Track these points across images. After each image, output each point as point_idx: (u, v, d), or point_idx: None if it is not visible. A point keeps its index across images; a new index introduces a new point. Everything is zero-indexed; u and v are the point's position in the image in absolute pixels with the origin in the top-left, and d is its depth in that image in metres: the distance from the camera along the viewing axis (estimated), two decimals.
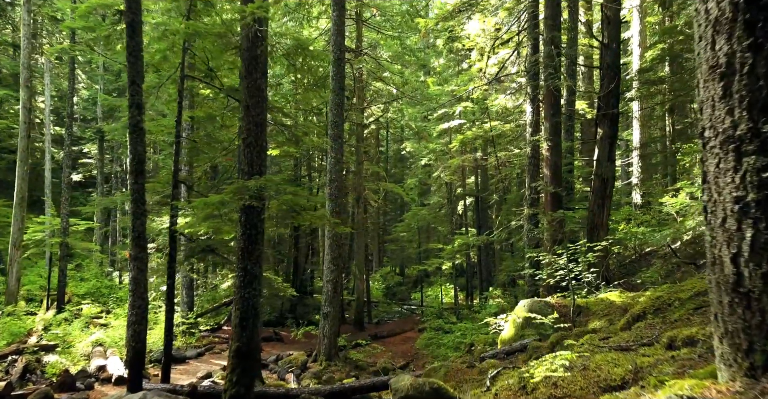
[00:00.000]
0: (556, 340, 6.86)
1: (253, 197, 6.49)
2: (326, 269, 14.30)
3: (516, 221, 14.39)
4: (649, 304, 5.55)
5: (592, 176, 14.75)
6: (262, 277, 6.90)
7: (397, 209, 42.61)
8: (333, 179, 14.40)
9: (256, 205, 6.45)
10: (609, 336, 5.01)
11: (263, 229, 6.96)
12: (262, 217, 6.86)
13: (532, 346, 7.14)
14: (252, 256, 6.74)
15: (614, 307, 7.87)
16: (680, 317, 4.85)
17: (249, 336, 6.57)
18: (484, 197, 24.19)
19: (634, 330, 5.05)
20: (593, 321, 7.58)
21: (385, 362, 14.91)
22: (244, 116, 7.05)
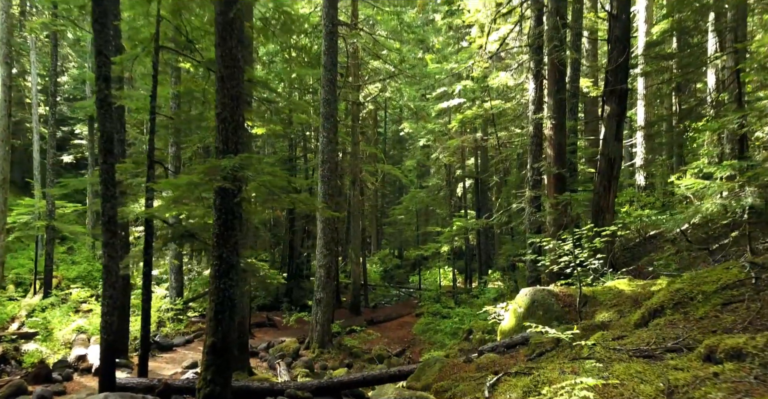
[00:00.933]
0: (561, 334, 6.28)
1: (227, 178, 5.85)
2: (319, 254, 13.73)
3: (517, 204, 13.77)
4: (668, 297, 4.95)
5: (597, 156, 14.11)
6: (240, 266, 6.31)
7: (396, 191, 42.00)
8: (325, 160, 13.73)
9: (230, 187, 5.81)
10: (623, 335, 4.41)
11: (241, 213, 6.33)
12: (238, 201, 6.24)
13: (534, 340, 6.57)
14: (228, 243, 6.13)
15: (623, 296, 7.28)
16: (706, 314, 4.25)
17: (225, 330, 6.00)
18: (484, 179, 23.54)
19: (653, 328, 4.45)
20: (601, 312, 7.00)
21: (380, 349, 14.44)
22: (218, 89, 6.37)
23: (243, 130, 6.37)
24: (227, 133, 6.24)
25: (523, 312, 7.93)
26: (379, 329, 18.15)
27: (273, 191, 6.20)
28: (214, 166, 5.68)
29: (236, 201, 6.17)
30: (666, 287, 5.63)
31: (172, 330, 14.10)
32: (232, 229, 6.23)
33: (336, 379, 7.49)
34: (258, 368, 12.00)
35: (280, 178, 6.28)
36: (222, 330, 6.08)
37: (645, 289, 7.33)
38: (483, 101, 20.10)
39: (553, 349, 6.14)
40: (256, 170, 6.00)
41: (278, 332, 15.93)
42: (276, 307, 23.11)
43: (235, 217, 6.26)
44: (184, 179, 5.77)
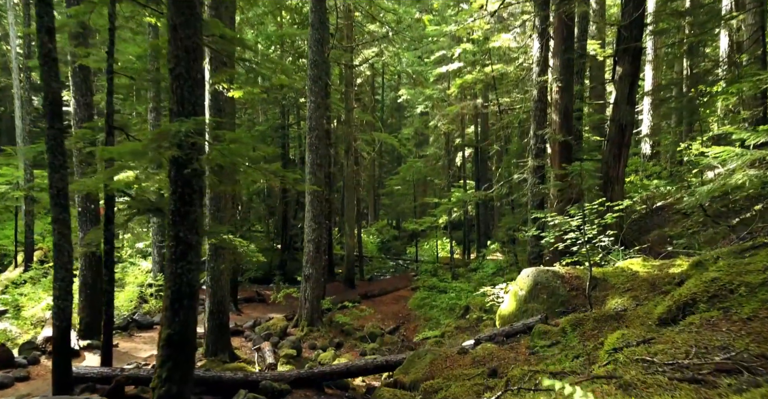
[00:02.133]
0: (568, 324, 5.50)
1: (181, 146, 4.96)
2: (308, 228, 12.91)
3: (518, 174, 12.88)
4: (700, 287, 4.12)
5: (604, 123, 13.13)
6: (200, 247, 5.47)
7: (394, 161, 40.94)
8: (313, 127, 12.77)
9: (179, 155, 4.91)
10: (650, 337, 3.60)
11: (201, 186, 5.46)
12: (197, 172, 5.36)
13: (538, 329, 5.79)
14: (186, 221, 5.28)
15: (638, 279, 6.48)
16: (755, 314, 3.43)
17: (183, 321, 5.22)
18: (484, 148, 22.56)
19: (686, 329, 3.63)
20: (613, 297, 6.21)
21: (372, 326, 13.80)
22: (170, 40, 5.40)
23: (202, 88, 5.43)
24: (182, 93, 5.30)
25: (524, 295, 7.14)
26: (373, 304, 17.51)
27: (235, 161, 5.30)
28: (163, 131, 4.77)
29: (193, 172, 5.28)
30: (696, 274, 4.79)
31: (154, 307, 13.40)
32: (190, 205, 5.36)
33: (317, 370, 6.76)
34: (242, 349, 11.34)
35: (244, 145, 5.38)
36: (180, 320, 5.28)
37: (662, 270, 6.53)
38: (483, 65, 18.96)
39: (558, 343, 5.37)
40: (216, 136, 5.09)
41: (267, 308, 15.28)
42: (268, 280, 22.49)
43: (194, 191, 5.38)
44: (127, 146, 4.87)
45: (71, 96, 10.46)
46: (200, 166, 4.77)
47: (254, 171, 5.76)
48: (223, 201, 9.88)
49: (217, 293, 9.82)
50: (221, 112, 9.80)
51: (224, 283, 9.90)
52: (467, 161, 27.12)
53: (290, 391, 6.63)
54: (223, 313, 9.90)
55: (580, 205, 6.94)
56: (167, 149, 4.73)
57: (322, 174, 13.00)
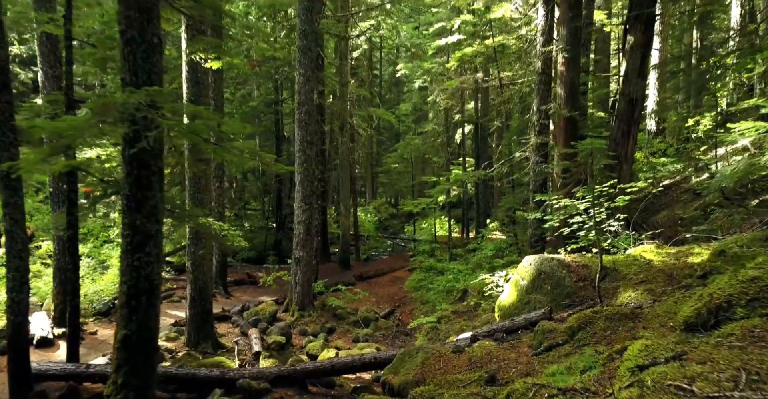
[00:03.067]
0: (576, 322, 4.89)
1: (132, 121, 4.28)
2: (297, 209, 12.27)
3: (520, 152, 12.17)
4: (737, 288, 3.49)
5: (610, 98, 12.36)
6: (161, 237, 4.83)
7: (393, 138, 40.06)
8: (303, 101, 12.01)
9: (130, 131, 4.23)
10: (681, 352, 2.97)
11: (161, 167, 4.79)
12: (156, 151, 4.70)
13: (542, 327, 5.19)
14: (143, 208, 4.63)
15: (652, 269, 5.86)
16: None
17: (142, 320, 4.63)
18: (484, 124, 21.76)
19: (726, 342, 3.01)
20: (625, 290, 5.59)
21: (366, 310, 13.28)
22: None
23: (158, 54, 4.70)
24: (135, 59, 4.58)
25: (526, 285, 6.53)
26: (368, 286, 16.99)
27: (195, 140, 4.61)
28: (107, 103, 4.07)
29: (150, 152, 4.61)
30: (724, 268, 4.16)
31: None
32: (148, 189, 4.69)
33: (299, 367, 6.19)
34: (229, 335, 10.82)
35: (210, 119, 4.68)
36: (138, 319, 4.66)
37: (679, 259, 5.90)
38: (484, 37, 18.06)
39: (565, 343, 4.78)
40: (174, 110, 4.40)
41: (258, 291, 14.75)
42: (262, 261, 21.96)
43: (152, 173, 4.71)
44: (65, 121, 4.18)
45: (39, 67, 9.71)
46: (150, 144, 4.08)
47: (222, 150, 5.07)
48: (204, 181, 9.21)
49: (199, 279, 9.24)
50: (200, 85, 9.06)
51: (206, 269, 9.30)
52: (467, 138, 26.34)
53: (270, 390, 6.07)
54: (206, 299, 9.33)
55: (588, 186, 6.28)
56: (112, 124, 4.04)
57: (312, 152, 12.30)
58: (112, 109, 4.10)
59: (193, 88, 8.99)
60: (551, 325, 5.15)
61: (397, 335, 12.00)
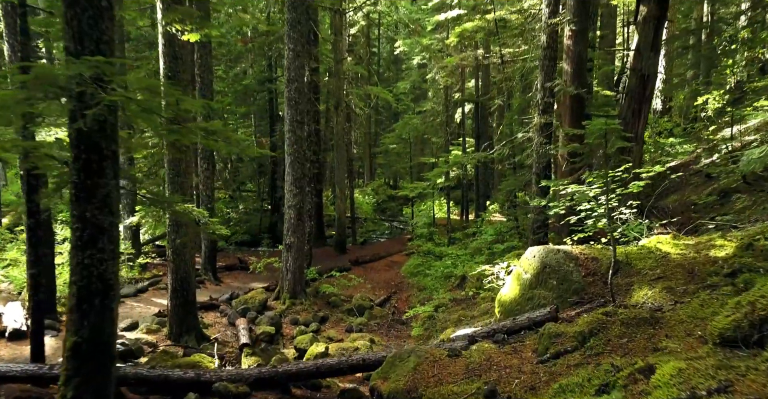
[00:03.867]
0: (587, 327, 4.34)
1: (77, 97, 3.66)
2: (287, 193, 11.67)
3: (522, 133, 11.52)
4: None
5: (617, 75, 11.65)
6: (117, 231, 4.25)
7: (392, 117, 39.21)
8: (292, 78, 11.31)
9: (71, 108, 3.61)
10: (726, 382, 2.41)
11: (115, 151, 4.19)
12: (108, 132, 4.09)
13: (548, 330, 4.64)
14: (94, 197, 4.04)
15: (670, 264, 5.29)
16: None
17: (96, 325, 4.08)
18: (485, 103, 21.02)
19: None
20: (640, 287, 5.03)
21: (361, 298, 12.79)
22: None
23: (109, 21, 4.05)
24: (80, 26, 3.93)
25: (530, 279, 5.97)
26: (364, 271, 16.50)
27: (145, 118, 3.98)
28: (41, 75, 3.44)
29: (107, 133, 3.99)
30: None
31: (122, 277, 12.33)
32: (100, 175, 4.09)
33: (281, 369, 5.67)
34: (216, 326, 10.33)
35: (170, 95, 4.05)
36: (91, 325, 4.11)
37: (700, 252, 5.33)
38: (485, 11, 17.23)
39: (575, 351, 4.23)
40: (124, 83, 3.77)
41: (250, 277, 14.24)
42: (257, 243, 21.47)
43: (105, 158, 4.10)
44: None
45: (4, 39, 9.01)
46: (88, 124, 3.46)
47: (183, 131, 4.45)
48: (184, 164, 8.59)
49: (180, 268, 8.69)
50: (178, 60, 8.37)
51: (188, 257, 8.74)
52: (467, 118, 25.60)
53: (249, 394, 5.57)
54: (188, 290, 8.80)
55: (598, 171, 5.68)
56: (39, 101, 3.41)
57: (303, 132, 11.65)
58: (43, 82, 3.47)
59: (170, 64, 8.31)
60: (558, 328, 4.60)
61: (393, 324, 11.53)
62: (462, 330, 6.57)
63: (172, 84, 8.03)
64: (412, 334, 10.55)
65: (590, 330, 4.26)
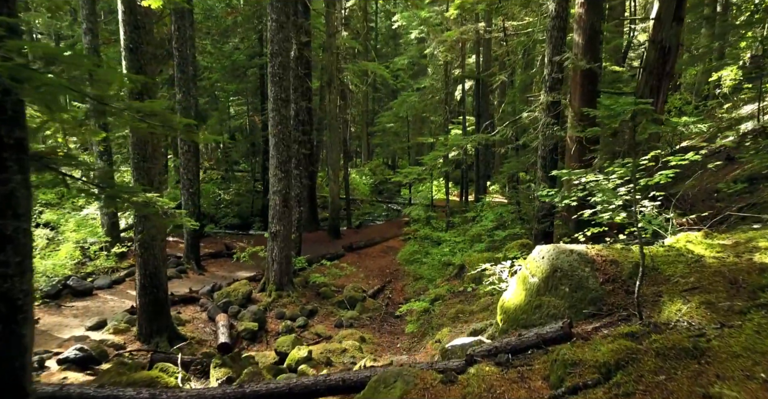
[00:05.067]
0: (613, 357, 3.52)
1: None
2: (272, 177, 10.80)
3: (528, 112, 10.57)
4: None
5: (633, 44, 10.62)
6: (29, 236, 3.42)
7: (390, 95, 38.04)
8: (276, 52, 10.33)
9: None
10: None
11: (23, 138, 3.32)
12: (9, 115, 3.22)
13: (562, 356, 3.83)
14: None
15: (706, 270, 4.46)
16: None
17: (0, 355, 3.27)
18: (486, 80, 19.96)
19: None
20: (672, 300, 4.20)
21: (353, 288, 12.04)
22: None
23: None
24: None
25: (538, 284, 5.15)
26: (358, 257, 15.75)
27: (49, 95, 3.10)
28: None
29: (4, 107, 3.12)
30: None
31: (98, 267, 11.55)
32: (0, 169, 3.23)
33: (249, 389, 4.88)
34: (194, 322, 9.58)
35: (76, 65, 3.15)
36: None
37: (741, 256, 4.49)
38: None
39: (597, 386, 3.42)
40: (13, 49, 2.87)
41: (236, 265, 13.46)
42: (248, 226, 20.69)
43: (4, 148, 3.23)
44: None
45: None
46: None
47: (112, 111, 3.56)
48: (151, 147, 7.69)
49: (149, 263, 7.88)
50: (140, 30, 7.40)
51: (157, 251, 7.92)
52: (467, 95, 24.55)
53: None
54: (158, 286, 8.00)
55: (622, 159, 4.81)
56: None
57: (288, 111, 10.71)
58: None
59: (131, 34, 7.36)
60: (575, 353, 3.79)
61: (386, 318, 10.80)
62: (459, 340, 5.78)
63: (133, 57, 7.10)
64: (406, 330, 9.81)
65: (616, 361, 3.45)
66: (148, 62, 7.51)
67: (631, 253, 5.01)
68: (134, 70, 7.43)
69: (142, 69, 7.45)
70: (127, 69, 7.43)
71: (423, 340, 9.06)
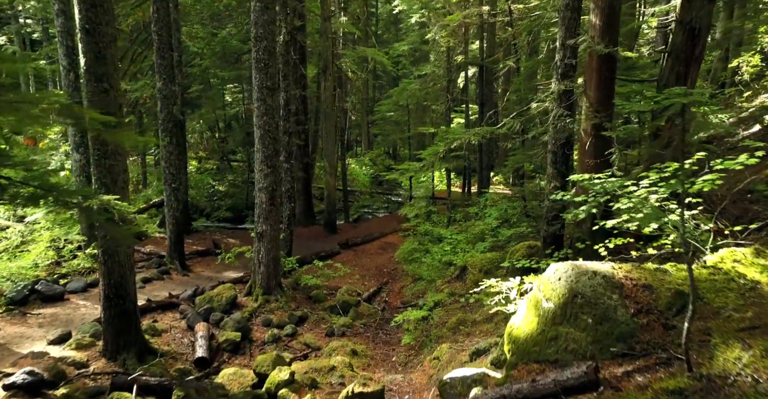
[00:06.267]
0: None
1: None
2: (258, 172, 9.95)
3: (537, 102, 9.65)
4: None
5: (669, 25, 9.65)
6: None
7: (392, 82, 36.96)
8: (260, 36, 9.41)
9: None
10: None
11: None
12: None
13: None
14: None
15: (766, 301, 3.60)
16: None
17: None
18: (490, 66, 18.97)
19: None
20: (726, 343, 3.35)
21: (347, 291, 11.26)
22: None
23: None
24: None
25: (553, 310, 4.31)
26: (354, 255, 14.94)
27: None
28: None
29: None
30: None
31: (75, 268, 10.75)
32: None
33: None
34: (170, 332, 8.77)
35: None
36: None
37: None
38: None
39: None
40: None
41: (224, 265, 12.61)
42: (241, 220, 19.88)
43: None
44: None
45: None
46: None
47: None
48: (113, 144, 6.82)
49: (114, 271, 7.05)
50: (97, 7, 6.50)
51: (123, 258, 7.09)
52: (470, 82, 23.53)
53: None
54: (125, 297, 7.18)
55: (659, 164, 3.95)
56: None
57: (276, 100, 9.82)
58: None
59: (88, 13, 6.45)
60: None
61: (381, 325, 10.01)
62: (459, 371, 4.96)
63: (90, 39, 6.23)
64: (402, 340, 9.01)
65: None
66: (108, 46, 6.62)
67: (667, 276, 4.16)
68: (92, 54, 6.55)
69: (101, 53, 6.56)
70: (83, 53, 6.54)
71: (420, 354, 8.27)
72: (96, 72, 6.57)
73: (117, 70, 6.85)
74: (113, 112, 6.68)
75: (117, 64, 6.82)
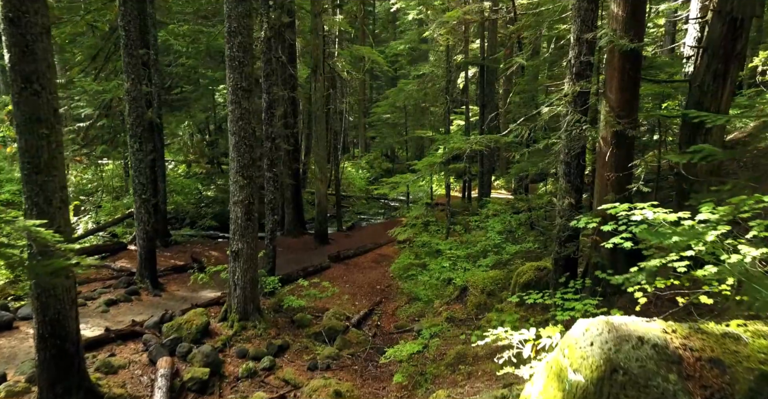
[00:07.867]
0: None
1: None
2: (232, 184, 8.86)
3: (547, 106, 8.55)
4: None
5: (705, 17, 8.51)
6: None
7: (389, 83, 35.86)
8: (234, 31, 8.33)
9: None
10: None
11: None
12: None
13: None
14: None
15: None
16: None
17: None
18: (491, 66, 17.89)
19: None
20: None
21: (335, 314, 10.20)
22: None
23: None
24: None
25: (585, 386, 3.21)
26: (346, 269, 13.85)
27: None
28: None
29: None
30: None
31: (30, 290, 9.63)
32: None
33: None
34: (129, 368, 7.68)
35: None
36: None
37: None
38: None
39: None
40: None
41: (198, 285, 11.49)
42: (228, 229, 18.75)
43: None
44: None
45: None
46: None
47: None
48: (47, 154, 5.72)
49: (50, 307, 5.96)
50: None
51: (61, 291, 5.99)
52: (471, 83, 22.45)
53: None
54: (64, 336, 6.09)
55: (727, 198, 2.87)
56: None
57: (251, 103, 8.72)
58: None
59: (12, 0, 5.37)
60: None
61: (372, 356, 8.90)
62: None
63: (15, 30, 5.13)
64: (394, 377, 7.90)
65: None
66: (38, 38, 5.53)
67: (741, 345, 3.06)
68: (19, 47, 5.46)
69: (28, 48, 5.48)
70: (8, 46, 5.46)
71: (414, 397, 7.18)
72: (23, 70, 5.49)
73: (52, 68, 5.75)
74: (45, 117, 5.61)
75: (51, 60, 5.73)
